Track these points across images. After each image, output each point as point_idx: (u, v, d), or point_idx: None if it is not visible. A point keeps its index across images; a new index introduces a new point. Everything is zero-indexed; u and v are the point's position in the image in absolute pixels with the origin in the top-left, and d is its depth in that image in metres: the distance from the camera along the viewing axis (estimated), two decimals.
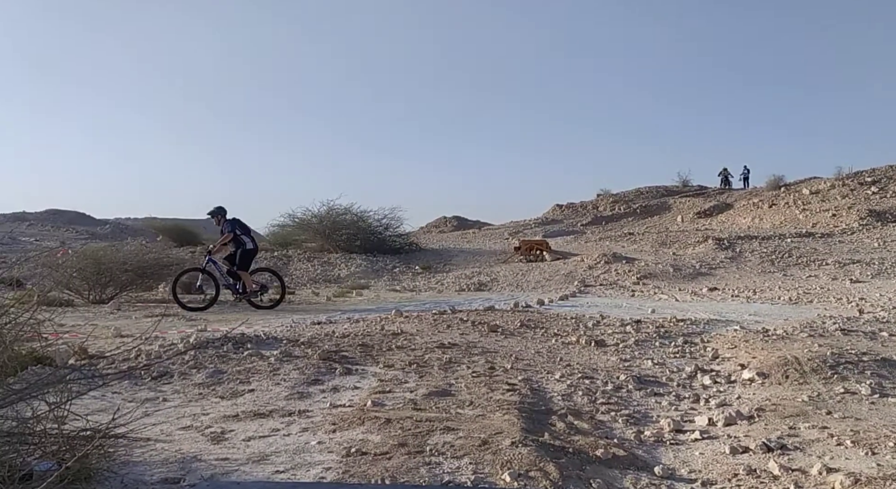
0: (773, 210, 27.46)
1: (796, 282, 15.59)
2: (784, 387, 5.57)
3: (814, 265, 17.72)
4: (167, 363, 6.16)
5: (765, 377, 5.85)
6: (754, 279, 16.40)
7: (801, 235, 22.15)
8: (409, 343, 7.56)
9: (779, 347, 6.79)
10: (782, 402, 5.02)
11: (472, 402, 4.90)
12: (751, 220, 27.03)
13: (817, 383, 5.54)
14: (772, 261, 18.62)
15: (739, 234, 23.17)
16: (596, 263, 18.91)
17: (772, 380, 5.78)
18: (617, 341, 7.97)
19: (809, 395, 5.15)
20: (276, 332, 8.44)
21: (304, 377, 5.81)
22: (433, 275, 19.60)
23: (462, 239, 28.99)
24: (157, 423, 4.41)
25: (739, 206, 29.33)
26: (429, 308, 11.63)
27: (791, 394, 5.30)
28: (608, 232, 27.71)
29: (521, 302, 12.29)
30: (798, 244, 20.56)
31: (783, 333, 7.75)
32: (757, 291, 14.11)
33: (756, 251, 19.81)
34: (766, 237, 21.95)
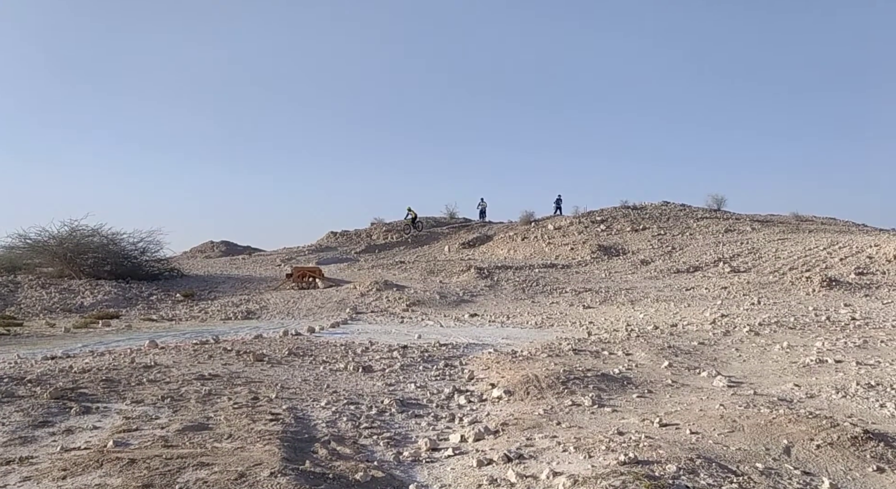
0: (525, 243, 30.67)
1: (542, 308, 17.54)
2: (525, 402, 6.25)
3: (556, 293, 20.10)
4: None
5: (510, 394, 6.50)
6: (508, 305, 18.10)
7: (547, 266, 25.02)
8: (163, 376, 6.99)
9: (523, 367, 7.59)
10: (523, 416, 5.63)
11: (231, 435, 4.70)
12: (507, 252, 29.85)
13: (552, 397, 6.31)
14: (523, 289, 20.72)
15: (497, 264, 25.44)
16: (368, 291, 19.31)
17: (516, 396, 6.45)
18: (384, 366, 8.23)
19: (545, 409, 5.85)
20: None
21: (30, 420, 5.06)
22: (196, 304, 18.34)
23: (231, 265, 27.58)
24: None
25: (498, 238, 32.23)
26: (189, 338, 10.86)
27: (531, 408, 5.97)
28: (381, 260, 28.50)
29: (292, 329, 12.07)
30: (544, 274, 23.18)
31: (528, 354, 8.69)
32: (510, 316, 15.58)
33: (511, 280, 21.89)
34: (519, 267, 24.40)
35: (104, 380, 6.59)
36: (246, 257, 30.60)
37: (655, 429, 5.05)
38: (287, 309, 17.40)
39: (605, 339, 10.41)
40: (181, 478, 3.66)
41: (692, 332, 10.82)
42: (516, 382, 6.82)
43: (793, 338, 9.71)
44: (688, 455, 4.19)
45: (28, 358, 8.44)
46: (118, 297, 18.40)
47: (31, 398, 5.67)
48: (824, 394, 6.28)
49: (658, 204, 35.91)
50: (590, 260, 26.26)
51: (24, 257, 20.95)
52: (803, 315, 12.96)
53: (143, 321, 15.01)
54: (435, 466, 4.45)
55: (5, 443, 4.49)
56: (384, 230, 34.56)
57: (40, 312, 16.31)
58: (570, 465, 4.23)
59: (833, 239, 25.37)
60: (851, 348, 8.73)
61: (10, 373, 6.95)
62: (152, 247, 22.96)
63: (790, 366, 7.87)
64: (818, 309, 14.08)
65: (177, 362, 7.93)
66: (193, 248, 34.86)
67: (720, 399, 6.07)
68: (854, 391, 6.31)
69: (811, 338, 9.80)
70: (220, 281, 22.43)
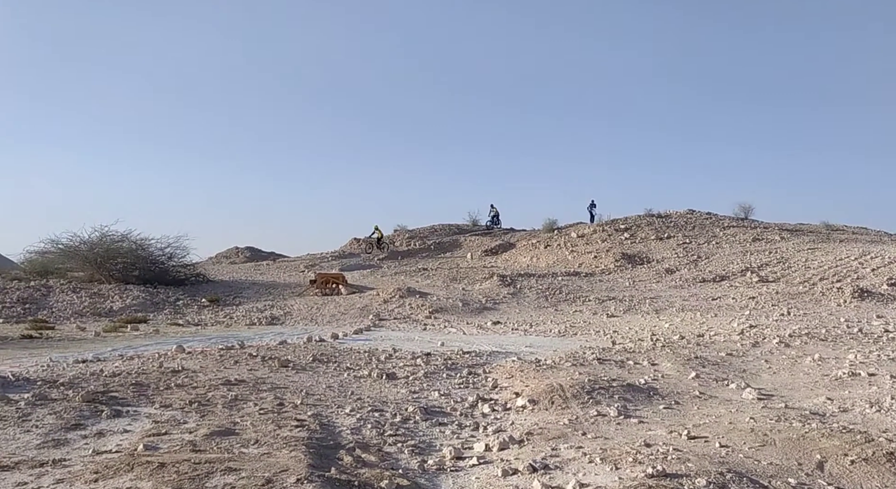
0: (548, 251, 30.51)
1: (565, 316, 17.43)
2: (550, 412, 6.21)
3: (579, 301, 19.95)
4: None
5: (535, 403, 6.46)
6: (531, 313, 18.01)
7: (570, 274, 24.86)
8: (190, 381, 7.08)
9: (547, 376, 7.54)
10: (548, 426, 5.59)
11: (257, 441, 4.74)
12: (530, 259, 29.72)
13: (577, 407, 6.26)
14: (546, 297, 20.61)
15: (520, 271, 25.34)
16: (391, 297, 19.36)
17: (540, 406, 6.40)
18: (407, 374, 8.24)
19: (570, 419, 5.80)
20: (29, 373, 7.37)
21: (63, 422, 5.15)
22: (222, 309, 18.56)
23: (255, 271, 27.87)
24: None
25: (521, 245, 32.11)
26: (215, 343, 11.00)
27: (555, 418, 5.92)
28: (404, 266, 28.57)
29: (315, 336, 12.15)
30: (567, 282, 23.03)
31: (552, 363, 8.63)
32: (533, 325, 15.50)
33: (534, 288, 21.79)
34: (542, 275, 24.28)
35: (134, 385, 6.69)
36: (270, 263, 30.90)
37: (683, 441, 4.97)
38: (311, 315, 17.52)
39: (629, 349, 10.30)
40: (209, 482, 3.70)
41: (720, 343, 10.65)
42: (540, 391, 6.78)
43: (824, 351, 9.51)
44: (718, 469, 4.12)
45: (60, 361, 8.61)
46: (146, 302, 18.70)
47: (63, 401, 5.78)
48: (858, 409, 6.13)
49: (683, 212, 35.49)
50: (613, 268, 26.03)
51: (56, 262, 21.39)
52: (835, 326, 12.69)
53: (169, 326, 15.23)
54: (460, 475, 4.44)
55: (39, 445, 4.58)
56: (407, 237, 34.66)
57: (71, 316, 16.63)
58: (596, 477, 4.18)
59: (865, 249, 24.84)
60: (885, 361, 8.53)
61: (43, 376, 7.10)
62: (179, 253, 23.31)
63: (822, 379, 7.71)
64: (850, 320, 13.78)
65: (203, 367, 8.03)
66: (219, 254, 35.30)
67: (750, 412, 5.96)
68: (889, 405, 6.15)
69: (843, 350, 9.59)
70: (244, 286, 22.68)
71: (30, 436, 4.78)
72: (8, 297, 17.68)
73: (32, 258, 22.03)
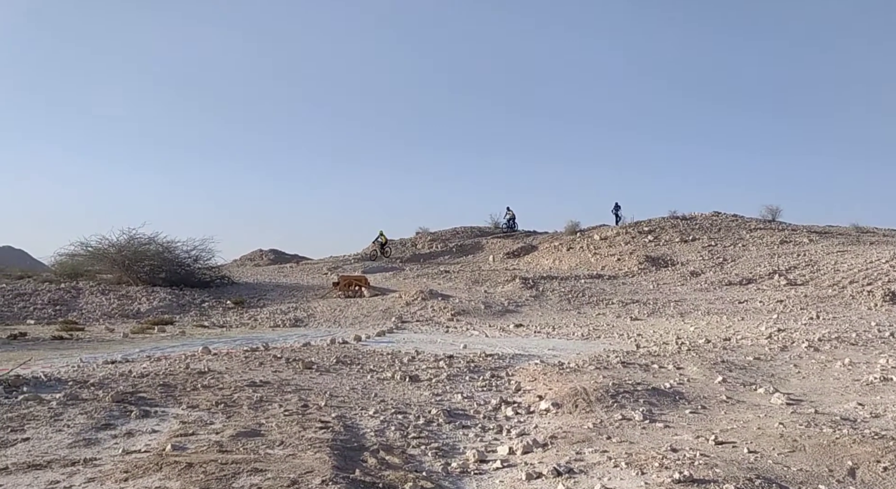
0: (571, 253, 30.33)
1: (588, 319, 17.30)
2: (574, 415, 6.16)
3: (602, 304, 19.80)
4: None
5: (558, 407, 6.42)
6: (554, 316, 17.91)
7: (593, 277, 24.68)
8: (216, 382, 7.17)
9: (571, 379, 7.49)
10: (572, 430, 5.55)
11: (282, 442, 4.78)
12: (552, 262, 29.57)
13: (601, 411, 6.21)
14: (569, 299, 20.48)
15: (542, 274, 25.22)
16: (413, 300, 19.40)
17: (564, 409, 6.37)
18: (430, 376, 8.24)
19: (594, 423, 5.76)
20: (60, 373, 7.53)
21: (93, 422, 5.25)
22: (246, 311, 18.75)
23: (279, 273, 28.12)
24: None
25: (543, 248, 31.96)
26: (240, 345, 11.12)
27: (579, 421, 5.88)
28: (426, 269, 28.60)
29: (339, 338, 12.21)
30: (590, 285, 22.87)
31: (575, 366, 8.57)
32: (556, 328, 15.42)
33: (556, 290, 21.67)
34: (565, 278, 24.14)
35: (161, 385, 6.79)
36: (293, 265, 31.16)
37: (711, 446, 4.91)
38: (334, 317, 17.63)
39: (654, 353, 10.20)
40: (236, 483, 3.74)
41: (747, 347, 10.49)
42: (564, 395, 6.74)
43: (855, 355, 9.31)
44: (746, 475, 4.05)
45: (90, 362, 8.77)
46: (172, 304, 18.97)
47: (93, 401, 5.89)
48: (890, 414, 6.00)
49: (709, 214, 35.03)
50: (637, 271, 25.78)
51: (86, 264, 21.79)
52: (865, 330, 12.43)
53: (195, 327, 15.43)
54: (483, 478, 4.43)
55: (70, 444, 4.67)
56: (429, 239, 34.72)
57: (100, 318, 16.94)
58: (621, 482, 4.14)
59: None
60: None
61: (73, 377, 7.24)
62: (204, 256, 23.58)
63: (853, 384, 7.55)
64: (881, 324, 13.48)
65: (229, 368, 8.12)
66: (243, 257, 35.68)
67: (779, 417, 5.87)
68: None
69: (874, 354, 9.39)
70: (268, 288, 22.89)
71: (61, 436, 4.88)
72: (39, 299, 18.07)
73: (62, 261, 22.47)
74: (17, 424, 5.11)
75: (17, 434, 4.90)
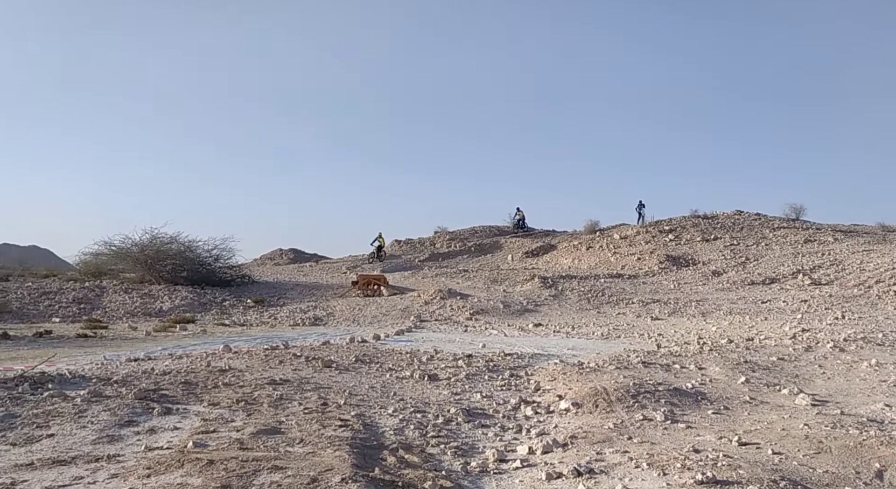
0: (590, 252, 30.13)
1: (608, 318, 17.18)
2: (594, 415, 6.11)
3: (622, 304, 19.64)
4: None
5: (578, 407, 6.37)
6: (573, 316, 17.80)
7: (613, 276, 24.49)
8: (237, 380, 7.22)
9: (591, 379, 7.43)
10: (592, 430, 5.50)
11: (302, 440, 4.79)
12: (571, 261, 29.40)
13: (622, 411, 6.15)
14: (588, 299, 20.35)
15: (561, 273, 25.09)
16: (432, 299, 19.41)
17: (584, 409, 6.32)
18: (449, 375, 8.23)
19: (615, 423, 5.70)
20: (84, 371, 7.64)
21: (116, 419, 5.32)
22: (266, 309, 18.90)
23: (298, 272, 28.31)
24: None
25: (562, 247, 31.79)
26: (260, 343, 11.20)
27: (600, 421, 5.83)
28: (444, 268, 28.60)
29: (358, 337, 12.25)
30: (610, 284, 22.70)
31: (595, 366, 8.50)
32: (575, 327, 15.32)
33: (575, 290, 21.55)
34: (584, 277, 23.98)
35: (183, 383, 6.86)
36: (313, 264, 31.32)
37: (734, 447, 4.83)
38: (353, 316, 17.70)
39: (675, 352, 10.09)
40: (257, 480, 3.76)
41: (770, 347, 10.33)
42: (584, 394, 6.68)
43: (881, 356, 9.13)
44: (771, 476, 3.99)
45: (113, 359, 8.90)
46: (194, 302, 19.18)
47: (117, 398, 5.97)
48: None
49: (731, 213, 34.55)
50: (658, 270, 25.54)
51: (109, 263, 22.11)
52: (892, 331, 12.18)
53: (216, 326, 15.59)
54: (503, 478, 4.40)
55: (94, 441, 4.73)
56: (447, 238, 34.69)
57: (123, 316, 17.18)
58: (643, 482, 4.10)
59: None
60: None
61: (97, 374, 7.35)
62: (225, 255, 23.78)
63: (879, 385, 7.40)
64: None
65: (249, 366, 8.18)
66: (263, 256, 35.94)
67: (804, 418, 5.77)
68: None
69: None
70: (288, 287, 23.05)
71: (85, 432, 4.95)
72: (64, 297, 18.37)
73: (87, 259, 22.83)
74: (42, 421, 5.20)
75: (43, 430, 4.98)
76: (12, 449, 4.50)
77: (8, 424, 5.06)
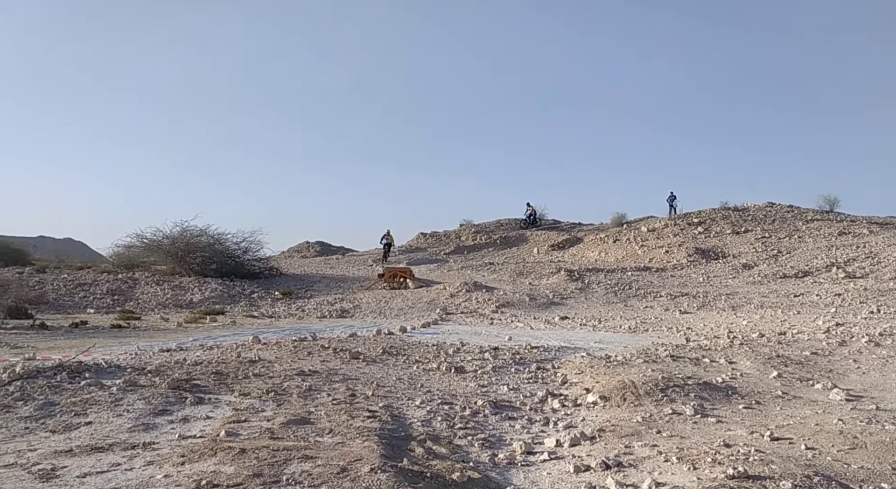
0: (617, 245, 29.85)
1: (635, 312, 17.01)
2: (622, 408, 6.07)
3: (650, 297, 19.43)
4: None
5: (606, 400, 6.34)
6: (600, 309, 17.68)
7: (640, 269, 24.24)
8: (267, 370, 7.33)
9: (619, 372, 7.38)
10: (620, 423, 5.47)
11: (331, 430, 4.85)
12: (598, 254, 29.16)
13: (650, 405, 6.09)
14: (615, 292, 20.18)
15: (588, 266, 24.92)
16: (457, 292, 19.43)
17: (612, 402, 6.28)
18: (476, 367, 8.24)
19: (643, 416, 5.66)
20: (119, 360, 7.82)
21: (151, 407, 5.44)
22: (294, 302, 19.11)
23: (325, 265, 28.55)
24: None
25: (588, 240, 31.55)
26: (288, 335, 11.34)
27: (628, 415, 5.79)
28: (470, 261, 28.60)
29: (384, 329, 12.33)
30: (637, 277, 22.47)
31: (623, 359, 8.44)
32: (602, 320, 15.21)
33: (602, 283, 21.38)
34: (611, 270, 23.78)
35: (214, 373, 6.98)
36: (339, 257, 31.58)
37: (766, 442, 4.76)
38: (379, 308, 17.80)
39: (705, 346, 9.96)
40: (287, 469, 3.81)
41: (803, 341, 10.14)
42: (612, 388, 6.64)
43: None
44: (804, 472, 3.92)
45: (147, 350, 9.09)
46: (223, 294, 19.48)
47: (151, 387, 6.10)
48: None
49: (762, 205, 33.93)
50: (686, 263, 25.21)
51: (141, 256, 22.56)
52: None
53: (245, 317, 15.82)
54: (531, 470, 4.40)
55: (130, 428, 4.85)
56: (473, 231, 34.66)
57: (155, 307, 17.53)
58: (672, 476, 4.06)
59: None
60: None
61: (132, 364, 7.52)
62: (253, 247, 24.11)
63: None
64: None
65: (278, 358, 8.29)
66: (290, 248, 36.38)
67: (838, 413, 5.66)
68: None
69: None
70: (315, 280, 23.27)
71: (122, 420, 5.07)
72: (98, 289, 18.80)
73: (119, 252, 23.33)
74: (80, 408, 5.34)
75: (81, 418, 5.11)
76: (52, 436, 4.63)
77: (47, 412, 5.21)
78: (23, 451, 4.21)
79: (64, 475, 3.77)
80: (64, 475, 3.77)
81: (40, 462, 3.99)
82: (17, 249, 23.07)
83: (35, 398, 5.54)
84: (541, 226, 35.60)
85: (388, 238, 29.53)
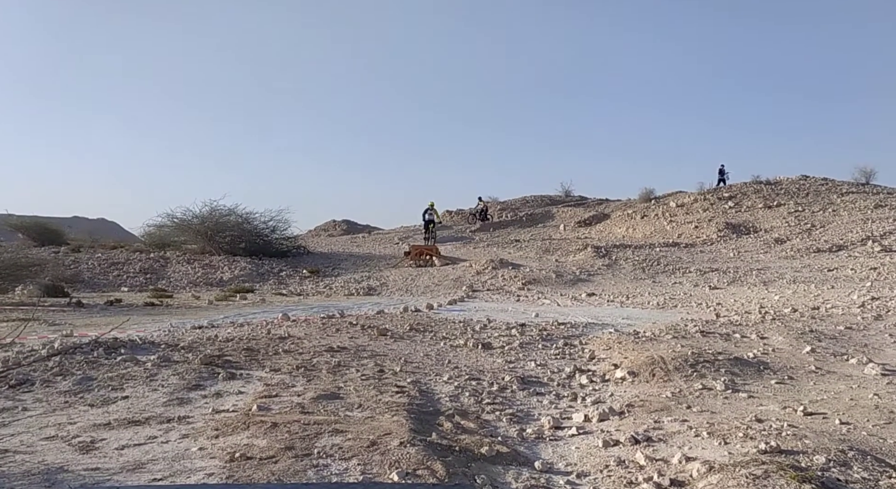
0: (645, 221, 29.47)
1: (664, 288, 16.83)
2: (651, 384, 6.03)
3: (679, 273, 19.20)
4: (27, 370, 5.67)
5: (635, 376, 6.30)
6: (627, 285, 17.52)
7: (668, 245, 23.93)
8: (296, 347, 7.43)
9: (647, 348, 7.32)
10: (649, 399, 5.44)
11: (361, 405, 4.91)
12: (625, 230, 28.85)
13: (679, 380, 6.04)
14: (643, 268, 19.97)
15: (615, 242, 24.67)
16: (484, 269, 19.41)
17: (641, 378, 6.24)
18: (502, 344, 8.25)
19: (672, 392, 5.62)
20: (153, 337, 7.99)
21: (185, 382, 5.56)
22: (321, 280, 19.30)
23: (352, 243, 28.73)
24: (16, 434, 4.07)
25: (615, 216, 31.20)
26: (317, 312, 11.46)
27: (657, 390, 5.75)
28: (496, 238, 28.52)
29: (411, 306, 12.40)
30: (666, 253, 22.20)
31: (651, 335, 8.37)
32: (630, 296, 15.09)
33: (630, 259, 21.17)
34: (639, 246, 23.52)
35: (245, 349, 7.10)
36: (365, 235, 31.73)
37: (799, 417, 4.70)
38: (405, 286, 17.89)
39: (735, 322, 9.82)
40: (319, 442, 3.87)
41: (837, 316, 9.95)
42: (640, 363, 6.60)
43: None
44: (838, 446, 3.86)
45: (179, 327, 9.28)
46: (252, 273, 19.74)
47: (184, 363, 6.23)
48: None
49: (796, 178, 33.10)
50: (716, 238, 24.81)
51: (172, 235, 22.91)
52: None
53: (274, 295, 16.03)
54: (559, 445, 4.41)
55: (165, 403, 4.97)
56: (498, 208, 34.51)
57: (186, 285, 17.85)
58: (703, 451, 4.03)
59: None
60: None
61: (165, 340, 7.68)
62: (281, 226, 24.25)
63: None
64: None
65: (308, 334, 8.39)
66: (317, 227, 36.60)
67: (873, 388, 5.55)
68: None
69: None
70: (342, 258, 23.44)
71: (157, 395, 5.19)
72: (131, 268, 19.20)
73: (151, 231, 23.70)
74: (116, 383, 5.48)
75: (118, 392, 5.25)
76: (90, 410, 4.77)
77: (85, 387, 5.36)
78: (63, 424, 4.35)
79: (103, 447, 3.88)
80: (103, 447, 3.88)
81: (80, 434, 4.11)
82: (53, 230, 23.57)
83: (73, 373, 5.70)
84: (491, 221, 33.65)
85: (431, 213, 26.13)
